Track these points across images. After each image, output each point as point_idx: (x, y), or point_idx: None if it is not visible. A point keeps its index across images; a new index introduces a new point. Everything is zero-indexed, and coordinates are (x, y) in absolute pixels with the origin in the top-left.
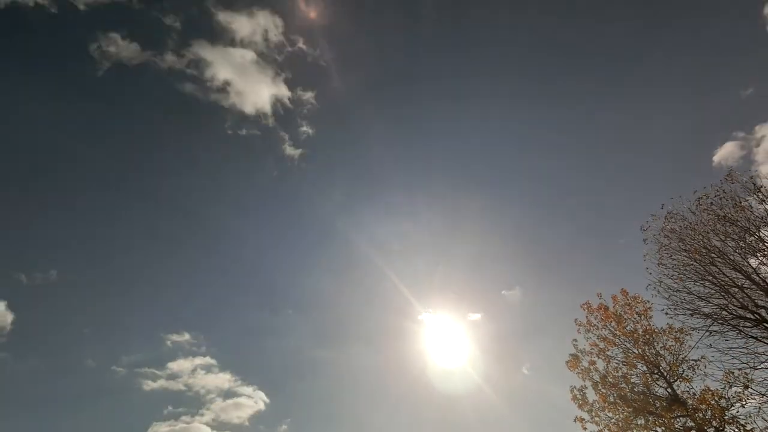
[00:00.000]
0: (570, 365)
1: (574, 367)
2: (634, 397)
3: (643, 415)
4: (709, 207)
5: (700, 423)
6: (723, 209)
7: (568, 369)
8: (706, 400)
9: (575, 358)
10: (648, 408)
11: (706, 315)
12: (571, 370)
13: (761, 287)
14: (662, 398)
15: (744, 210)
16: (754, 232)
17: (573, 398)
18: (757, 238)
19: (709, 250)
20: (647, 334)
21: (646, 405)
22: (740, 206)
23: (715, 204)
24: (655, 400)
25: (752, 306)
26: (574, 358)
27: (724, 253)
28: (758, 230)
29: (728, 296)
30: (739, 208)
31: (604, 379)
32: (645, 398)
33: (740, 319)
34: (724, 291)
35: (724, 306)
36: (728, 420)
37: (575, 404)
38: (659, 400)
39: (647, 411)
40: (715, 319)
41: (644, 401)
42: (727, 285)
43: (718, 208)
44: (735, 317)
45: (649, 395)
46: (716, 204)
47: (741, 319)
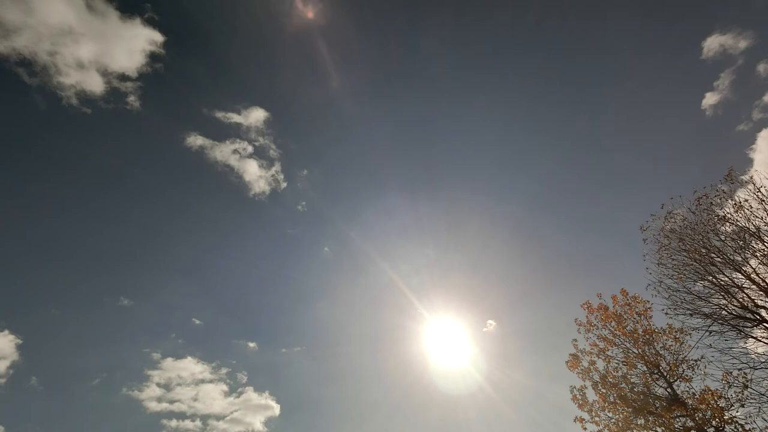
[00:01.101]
0: (570, 365)
1: (574, 367)
2: (633, 396)
3: (643, 415)
4: (709, 207)
5: (699, 423)
6: (723, 209)
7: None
8: (706, 400)
9: (575, 358)
10: (648, 408)
11: (706, 315)
12: (571, 370)
13: (761, 287)
14: (662, 398)
15: (744, 210)
16: (754, 232)
17: (573, 398)
18: (756, 237)
19: (709, 250)
20: (647, 334)
21: (646, 405)
22: (740, 206)
23: (715, 204)
24: (655, 400)
25: (752, 306)
26: (574, 358)
27: (724, 253)
28: (758, 230)
29: (728, 296)
30: (739, 208)
31: (604, 379)
32: (645, 398)
33: (740, 319)
34: (723, 291)
35: (723, 306)
36: (728, 420)
37: (575, 404)
38: (659, 400)
39: (647, 411)
40: (714, 319)
41: (644, 401)
42: (727, 285)
43: (718, 208)
44: (735, 317)
45: (648, 395)
46: (716, 204)
47: (741, 319)
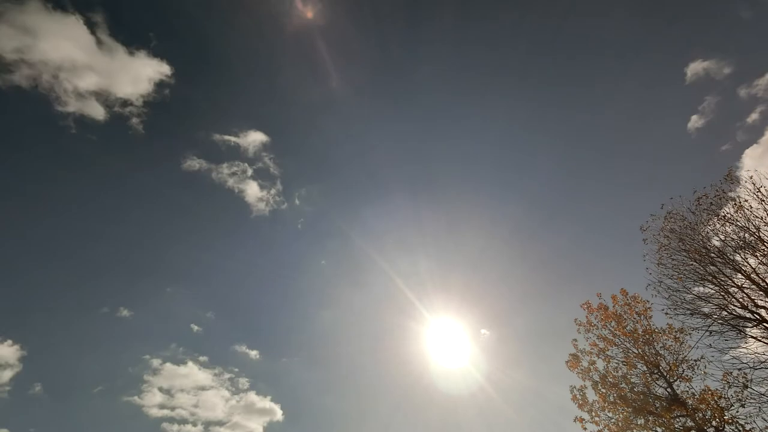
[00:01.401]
0: (570, 365)
1: (574, 367)
2: (633, 396)
3: (643, 415)
4: (709, 207)
5: (699, 423)
6: (723, 209)
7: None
8: (706, 400)
9: (575, 357)
10: (648, 408)
11: (706, 315)
12: (571, 369)
13: (761, 287)
14: (662, 398)
15: (744, 210)
16: (754, 232)
17: (573, 398)
18: (757, 238)
19: (709, 250)
20: (647, 334)
21: (646, 405)
22: (740, 206)
23: (715, 204)
24: (655, 399)
25: (752, 306)
26: (574, 358)
27: (723, 253)
28: (758, 230)
29: (728, 296)
30: (739, 208)
31: (604, 378)
32: (645, 398)
33: (740, 319)
34: (723, 291)
35: (723, 306)
36: (728, 420)
37: (575, 404)
38: (659, 400)
39: (647, 411)
40: (714, 319)
41: (644, 401)
42: (727, 285)
43: (718, 208)
44: (735, 317)
45: (648, 395)
46: (716, 204)
47: (741, 319)
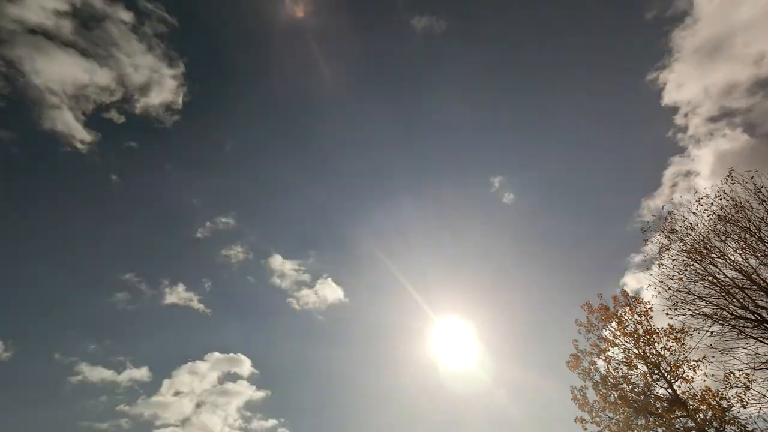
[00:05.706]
0: (570, 365)
1: (574, 368)
2: (634, 397)
3: (644, 416)
4: (709, 207)
5: (700, 423)
6: (723, 209)
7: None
8: (707, 400)
9: (576, 358)
10: (648, 408)
11: (707, 315)
12: (572, 370)
13: (762, 288)
14: (663, 398)
15: (744, 210)
16: (755, 232)
17: (573, 398)
18: (757, 238)
19: (709, 250)
20: (648, 335)
21: (647, 405)
22: (740, 206)
23: (715, 204)
24: (656, 400)
25: (753, 306)
26: (574, 359)
27: (724, 254)
28: (758, 230)
29: (729, 297)
30: (739, 208)
31: (605, 379)
32: (645, 398)
33: (741, 320)
34: (724, 291)
35: (724, 306)
36: (729, 420)
37: (575, 404)
38: (660, 401)
39: (648, 411)
40: (715, 320)
41: (645, 401)
42: (728, 285)
43: (718, 208)
44: (735, 318)
45: (649, 395)
46: (716, 204)
47: (741, 320)
